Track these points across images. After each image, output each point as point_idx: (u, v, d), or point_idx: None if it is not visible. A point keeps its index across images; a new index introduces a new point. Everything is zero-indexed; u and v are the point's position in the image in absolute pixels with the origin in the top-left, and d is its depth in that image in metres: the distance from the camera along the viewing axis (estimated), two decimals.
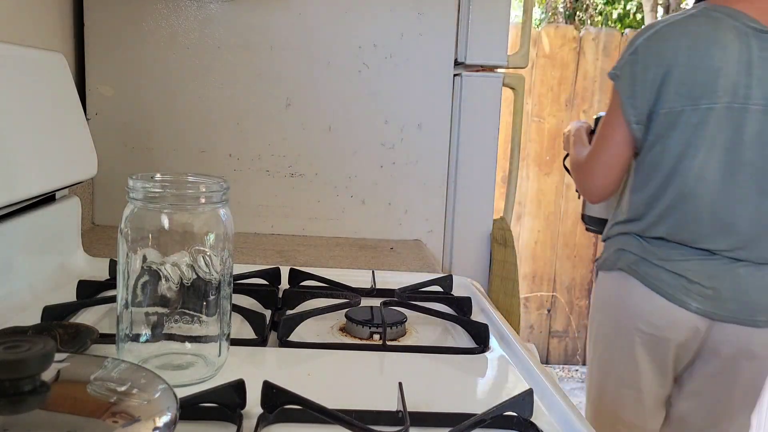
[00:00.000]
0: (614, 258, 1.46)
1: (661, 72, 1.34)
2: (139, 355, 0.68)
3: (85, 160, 1.11)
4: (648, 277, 1.39)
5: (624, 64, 1.40)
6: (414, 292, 1.04)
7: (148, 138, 1.44)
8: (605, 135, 1.45)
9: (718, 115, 1.31)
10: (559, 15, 3.56)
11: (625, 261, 1.43)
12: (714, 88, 1.31)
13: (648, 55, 1.37)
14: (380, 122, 1.49)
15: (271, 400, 0.61)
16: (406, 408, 0.62)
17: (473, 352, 0.84)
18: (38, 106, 0.98)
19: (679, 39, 1.34)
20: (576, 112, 3.29)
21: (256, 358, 0.79)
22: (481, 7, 1.47)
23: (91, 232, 1.39)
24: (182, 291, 0.67)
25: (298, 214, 1.49)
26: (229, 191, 0.70)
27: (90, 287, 0.95)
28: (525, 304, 3.42)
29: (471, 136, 1.52)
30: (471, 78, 1.51)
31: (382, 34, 1.46)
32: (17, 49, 0.98)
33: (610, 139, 1.44)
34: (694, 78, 1.32)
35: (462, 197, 1.54)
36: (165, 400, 0.47)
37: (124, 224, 0.67)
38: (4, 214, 0.89)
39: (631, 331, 1.43)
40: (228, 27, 1.42)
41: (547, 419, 0.67)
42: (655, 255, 1.40)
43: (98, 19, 1.39)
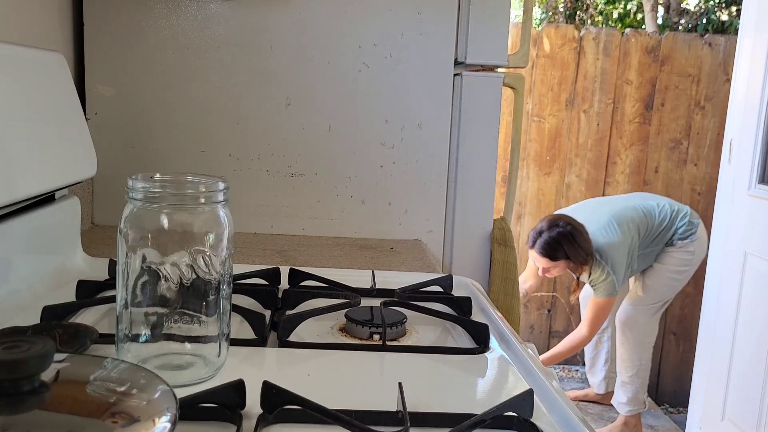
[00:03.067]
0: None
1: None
2: (139, 356, 0.68)
3: (84, 159, 1.10)
4: None
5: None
6: (414, 292, 1.04)
7: (147, 138, 1.44)
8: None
9: None
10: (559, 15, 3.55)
11: None
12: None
13: None
14: (380, 122, 1.48)
15: (270, 401, 0.61)
16: (406, 408, 0.62)
17: (473, 353, 0.83)
18: (38, 106, 0.98)
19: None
20: (576, 112, 3.29)
21: (256, 358, 0.78)
22: (481, 6, 1.47)
23: (91, 232, 1.39)
24: (182, 291, 0.67)
25: (298, 214, 1.49)
26: (228, 191, 0.70)
27: (89, 287, 0.95)
28: (525, 304, 3.42)
29: (471, 136, 1.52)
30: (471, 78, 1.50)
31: (382, 33, 1.45)
32: (17, 49, 0.98)
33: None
34: None
35: (462, 197, 1.54)
36: (164, 401, 0.47)
37: (123, 224, 0.67)
38: (4, 214, 0.89)
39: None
40: (228, 27, 1.42)
41: (547, 419, 0.67)
42: None
43: (98, 18, 1.39)
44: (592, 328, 2.61)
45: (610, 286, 2.48)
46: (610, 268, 2.45)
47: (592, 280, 2.52)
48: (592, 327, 2.61)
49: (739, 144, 2.42)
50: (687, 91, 3.33)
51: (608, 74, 3.28)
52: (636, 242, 2.52)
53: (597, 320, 2.60)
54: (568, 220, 2.45)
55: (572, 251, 2.40)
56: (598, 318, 2.59)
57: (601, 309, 2.56)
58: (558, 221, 2.44)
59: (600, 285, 2.50)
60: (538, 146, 3.31)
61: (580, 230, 2.42)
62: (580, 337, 2.63)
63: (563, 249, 2.39)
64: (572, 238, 2.39)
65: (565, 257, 2.41)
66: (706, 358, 2.55)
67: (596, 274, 2.48)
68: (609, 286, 2.48)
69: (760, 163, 2.32)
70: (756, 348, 2.26)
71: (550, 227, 2.43)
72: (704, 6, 3.42)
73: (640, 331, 2.70)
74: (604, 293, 2.51)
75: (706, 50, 3.29)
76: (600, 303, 2.55)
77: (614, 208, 2.58)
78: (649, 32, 3.38)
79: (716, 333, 2.48)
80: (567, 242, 2.39)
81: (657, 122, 3.34)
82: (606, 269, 2.45)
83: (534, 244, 2.45)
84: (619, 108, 3.31)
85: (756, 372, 2.25)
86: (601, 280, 2.48)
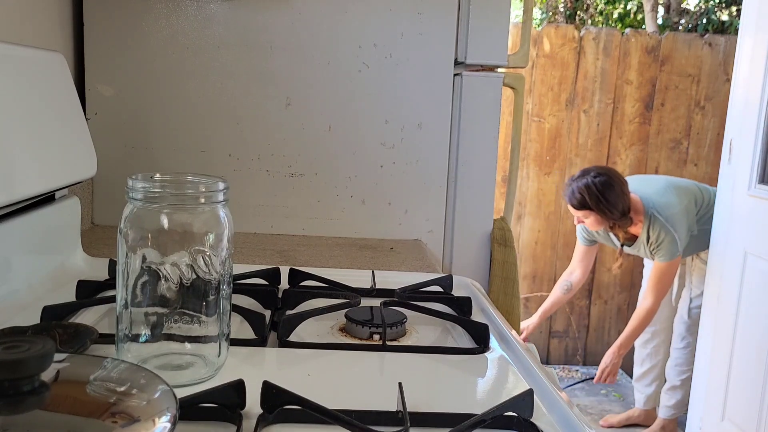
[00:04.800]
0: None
1: None
2: (139, 356, 0.68)
3: (84, 160, 1.10)
4: None
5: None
6: (414, 292, 1.04)
7: (147, 138, 1.44)
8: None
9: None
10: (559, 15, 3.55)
11: None
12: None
13: None
14: (380, 122, 1.48)
15: (270, 401, 0.61)
16: (406, 408, 0.62)
17: (473, 353, 0.83)
18: (38, 106, 0.98)
19: None
20: (576, 112, 3.29)
21: (256, 358, 0.78)
22: (481, 6, 1.47)
23: (91, 232, 1.39)
24: (182, 291, 0.67)
25: (297, 214, 1.49)
26: (228, 191, 0.70)
27: (89, 287, 0.95)
28: (525, 304, 3.42)
29: (471, 136, 1.52)
30: (471, 78, 1.50)
31: (382, 33, 1.45)
32: (17, 49, 0.98)
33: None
34: None
35: (462, 197, 1.54)
36: (164, 401, 0.47)
37: (123, 224, 0.67)
38: (4, 213, 0.89)
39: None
40: (228, 27, 1.42)
41: (547, 419, 0.67)
42: None
43: (98, 19, 1.39)
44: (657, 296, 2.46)
45: (673, 246, 2.35)
46: (671, 226, 2.34)
47: (651, 243, 2.40)
48: (656, 295, 2.46)
49: (739, 144, 2.42)
50: (687, 91, 3.33)
51: (608, 74, 3.28)
52: (693, 210, 2.42)
53: (662, 287, 2.45)
54: (605, 171, 2.34)
55: (597, 204, 2.28)
56: (663, 284, 2.44)
57: (665, 274, 2.42)
58: (591, 171, 2.33)
59: (661, 246, 2.37)
60: (538, 146, 3.31)
61: (613, 184, 2.29)
62: (646, 308, 2.48)
63: (586, 200, 2.29)
64: (598, 190, 2.27)
65: (591, 209, 2.30)
66: (706, 358, 2.55)
67: (655, 233, 2.36)
68: (671, 245, 2.35)
69: (760, 163, 2.32)
70: (756, 348, 2.26)
71: (581, 176, 2.33)
72: (704, 6, 3.42)
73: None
74: (666, 255, 2.37)
75: (706, 50, 3.29)
76: (663, 267, 2.41)
77: (669, 178, 2.51)
78: (649, 32, 3.39)
79: (716, 333, 2.48)
80: (591, 194, 2.28)
81: (657, 122, 3.34)
82: (666, 227, 2.33)
83: (565, 191, 2.37)
84: (619, 108, 3.31)
85: (756, 372, 2.25)
86: (661, 239, 2.36)
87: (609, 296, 3.47)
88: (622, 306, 3.47)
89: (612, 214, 2.31)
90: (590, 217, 2.34)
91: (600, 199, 2.28)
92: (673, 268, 2.45)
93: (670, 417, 2.75)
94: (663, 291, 2.48)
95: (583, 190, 2.30)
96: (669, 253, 2.39)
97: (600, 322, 3.49)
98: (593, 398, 3.21)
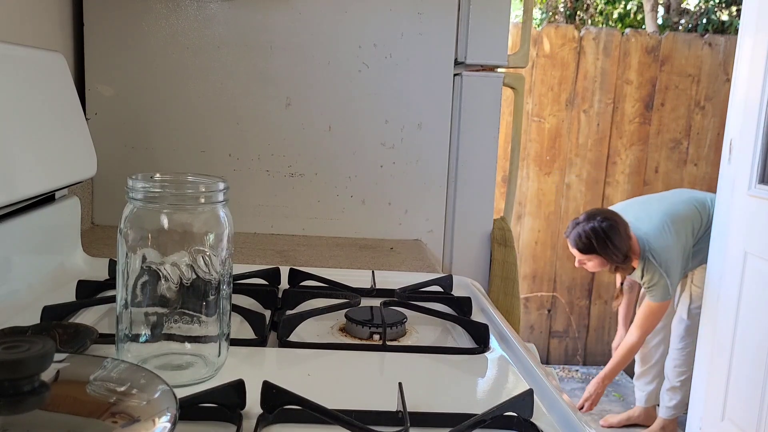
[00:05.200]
0: None
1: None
2: (139, 356, 0.68)
3: (84, 160, 1.10)
4: None
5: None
6: (414, 292, 1.04)
7: (147, 138, 1.44)
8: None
9: None
10: (559, 15, 3.55)
11: None
12: None
13: None
14: (380, 122, 1.48)
15: (270, 401, 0.61)
16: (406, 408, 0.62)
17: (473, 352, 0.83)
18: (38, 106, 0.98)
19: None
20: (576, 112, 3.29)
21: (256, 358, 0.78)
22: (481, 6, 1.47)
23: (91, 232, 1.39)
24: (182, 291, 0.67)
25: (297, 214, 1.49)
26: (228, 191, 0.70)
27: (89, 287, 0.95)
28: (525, 304, 3.42)
29: (471, 136, 1.52)
30: (471, 78, 1.50)
31: (382, 33, 1.45)
32: (17, 49, 0.98)
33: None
34: None
35: (462, 197, 1.54)
36: (164, 401, 0.47)
37: (123, 224, 0.67)
38: (4, 213, 0.89)
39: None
40: (228, 27, 1.42)
41: (547, 419, 0.67)
42: None
43: (98, 19, 1.39)
44: (643, 333, 2.53)
45: (664, 290, 2.41)
46: (664, 271, 2.38)
47: (644, 282, 2.45)
48: (642, 331, 2.53)
49: (739, 144, 2.42)
50: (687, 91, 3.33)
51: (608, 74, 3.28)
52: (691, 242, 2.46)
53: (648, 324, 2.52)
54: (609, 215, 2.37)
55: (603, 249, 2.33)
56: (650, 322, 2.51)
57: (653, 314, 2.49)
58: (597, 215, 2.37)
59: (654, 288, 2.43)
60: (538, 146, 3.31)
61: (619, 229, 2.34)
62: (631, 343, 2.55)
63: (593, 245, 2.33)
64: (605, 235, 2.32)
65: (596, 254, 2.35)
66: (706, 358, 2.55)
67: (649, 275, 2.41)
68: (662, 290, 2.41)
69: (760, 163, 2.32)
70: (756, 348, 2.26)
71: (587, 220, 2.36)
72: (704, 6, 3.42)
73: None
74: (657, 297, 2.43)
75: (706, 50, 3.29)
76: (653, 307, 2.47)
77: (666, 206, 2.51)
78: (649, 32, 3.39)
79: (716, 333, 2.48)
80: (598, 239, 2.32)
81: (657, 122, 3.34)
82: (659, 271, 2.38)
83: (569, 234, 2.41)
84: (619, 108, 3.31)
85: (756, 372, 2.25)
86: (653, 283, 2.41)
87: (609, 296, 3.47)
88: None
89: (616, 257, 2.37)
90: (594, 260, 2.41)
91: (607, 243, 2.33)
92: (662, 310, 2.51)
93: (671, 417, 2.75)
94: (649, 329, 2.55)
95: (590, 235, 2.34)
96: (660, 296, 2.45)
97: (600, 323, 3.49)
98: None
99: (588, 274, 3.43)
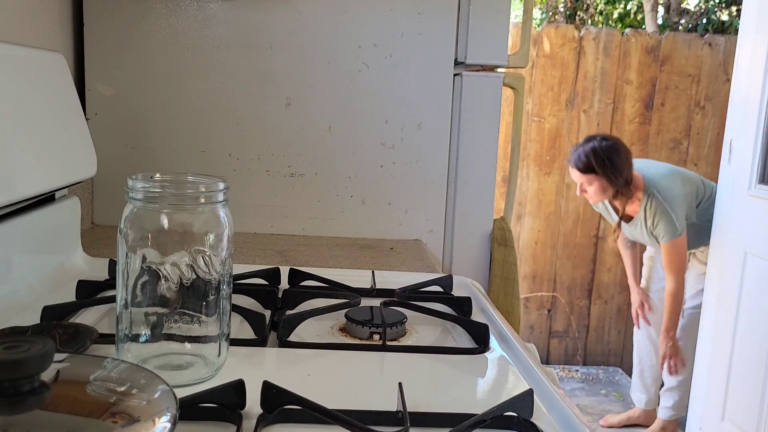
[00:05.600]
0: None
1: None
2: (139, 355, 0.68)
3: (84, 160, 1.10)
4: None
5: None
6: (414, 292, 1.04)
7: (147, 138, 1.44)
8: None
9: None
10: (559, 15, 3.55)
11: None
12: None
13: None
14: (380, 122, 1.48)
15: (270, 401, 0.61)
16: (406, 408, 0.62)
17: (473, 352, 0.84)
18: (38, 106, 0.98)
19: None
20: (576, 112, 3.29)
21: (256, 358, 0.78)
22: (481, 6, 1.47)
23: (91, 232, 1.39)
24: (182, 291, 0.67)
25: (297, 214, 1.49)
26: (228, 191, 0.70)
27: (89, 287, 0.95)
28: (525, 304, 3.42)
29: (471, 136, 1.52)
30: (471, 78, 1.50)
31: (382, 33, 1.46)
32: (17, 49, 0.98)
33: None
34: None
35: (462, 197, 1.54)
36: (164, 401, 0.47)
37: (123, 224, 0.67)
38: (4, 214, 0.89)
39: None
40: (228, 27, 1.42)
41: (547, 419, 0.67)
42: None
43: (98, 19, 1.39)
44: (676, 276, 2.46)
45: (670, 225, 2.37)
46: (669, 206, 2.36)
47: (647, 220, 2.41)
48: (675, 275, 2.46)
49: (738, 144, 2.42)
50: (687, 91, 3.33)
51: (608, 74, 3.28)
52: (694, 199, 2.45)
53: (675, 266, 2.45)
54: (610, 137, 2.38)
55: (602, 168, 2.32)
56: (676, 263, 2.44)
57: (672, 254, 2.42)
58: (597, 136, 2.39)
59: (658, 226, 2.38)
60: (538, 146, 3.31)
61: (619, 150, 2.35)
62: (672, 290, 2.49)
63: (592, 164, 2.33)
64: (605, 154, 2.32)
65: (596, 173, 2.34)
66: (706, 357, 2.55)
67: (652, 211, 2.38)
68: (669, 225, 2.37)
69: (760, 163, 2.32)
70: (756, 348, 2.26)
71: (587, 141, 2.39)
72: (704, 6, 3.42)
73: (695, 334, 2.62)
74: (666, 234, 2.39)
75: (706, 50, 3.30)
76: (668, 248, 2.42)
77: (675, 166, 2.55)
78: (649, 32, 3.39)
79: (716, 332, 2.48)
80: (597, 157, 2.32)
81: (657, 122, 3.34)
82: (663, 206, 2.36)
83: (570, 158, 2.42)
84: (619, 108, 3.31)
85: (756, 372, 2.25)
86: (658, 218, 2.38)
87: (609, 296, 3.47)
88: (622, 306, 3.47)
89: (616, 180, 2.35)
90: (594, 183, 2.38)
91: (606, 163, 2.33)
92: (678, 248, 2.43)
93: (670, 418, 2.75)
94: (679, 270, 2.46)
95: (589, 154, 2.34)
96: (668, 232, 2.39)
97: (600, 322, 3.49)
98: (593, 398, 3.21)
99: (588, 274, 3.43)
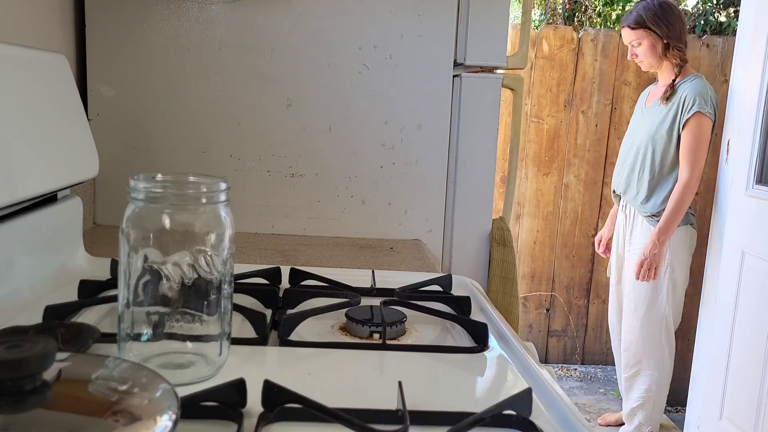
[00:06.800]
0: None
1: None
2: (141, 355, 0.69)
3: (86, 160, 1.11)
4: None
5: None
6: (414, 291, 1.04)
7: (149, 138, 1.45)
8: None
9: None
10: (558, 16, 3.55)
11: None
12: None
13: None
14: (380, 123, 1.49)
15: (271, 399, 0.62)
16: (406, 407, 0.62)
17: (472, 351, 0.84)
18: (40, 107, 0.98)
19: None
20: (575, 113, 3.29)
21: (257, 357, 0.79)
22: (480, 8, 1.48)
23: (93, 231, 1.39)
24: (183, 290, 0.67)
25: (298, 214, 1.50)
26: (229, 191, 0.71)
27: (91, 287, 0.95)
28: (524, 304, 3.43)
29: (470, 136, 1.53)
30: (470, 79, 1.51)
31: (382, 35, 1.46)
32: (19, 50, 0.99)
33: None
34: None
35: (461, 197, 1.54)
36: (166, 399, 0.48)
37: (125, 224, 0.67)
38: (6, 214, 0.89)
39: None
40: (229, 28, 1.43)
41: (546, 418, 0.67)
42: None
43: (99, 20, 1.40)
44: (693, 166, 2.32)
45: (703, 101, 2.30)
46: (702, 99, 2.31)
47: (680, 93, 2.36)
48: (691, 165, 2.32)
49: (736, 144, 2.43)
50: None
51: (606, 75, 3.28)
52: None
53: (694, 155, 2.32)
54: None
55: (655, 23, 2.34)
56: (694, 150, 2.32)
57: (696, 133, 2.31)
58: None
59: (689, 98, 2.32)
60: (536, 147, 3.31)
61: (672, 7, 2.37)
62: (684, 181, 2.33)
63: (643, 18, 2.35)
64: (656, 7, 2.35)
65: (647, 29, 2.35)
66: (704, 357, 2.55)
67: (689, 84, 2.36)
68: (702, 100, 2.31)
69: (758, 164, 2.32)
70: (754, 347, 2.26)
71: (638, 3, 2.43)
72: (702, 7, 3.43)
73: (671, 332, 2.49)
74: (695, 106, 2.30)
75: (704, 51, 3.30)
76: (692, 125, 2.31)
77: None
78: None
79: (714, 332, 2.48)
80: (647, 10, 2.36)
81: None
82: (703, 89, 2.32)
83: (623, 21, 2.45)
84: (618, 109, 3.31)
85: (754, 371, 2.26)
86: (694, 92, 2.32)
87: (607, 295, 3.47)
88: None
89: (669, 30, 2.35)
90: (644, 42, 2.39)
91: (658, 17, 2.36)
92: (702, 129, 2.31)
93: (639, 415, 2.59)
94: (696, 159, 2.33)
95: (641, 9, 2.39)
96: (698, 105, 2.30)
97: (598, 322, 3.49)
98: (591, 397, 3.21)
99: (586, 274, 3.43)
